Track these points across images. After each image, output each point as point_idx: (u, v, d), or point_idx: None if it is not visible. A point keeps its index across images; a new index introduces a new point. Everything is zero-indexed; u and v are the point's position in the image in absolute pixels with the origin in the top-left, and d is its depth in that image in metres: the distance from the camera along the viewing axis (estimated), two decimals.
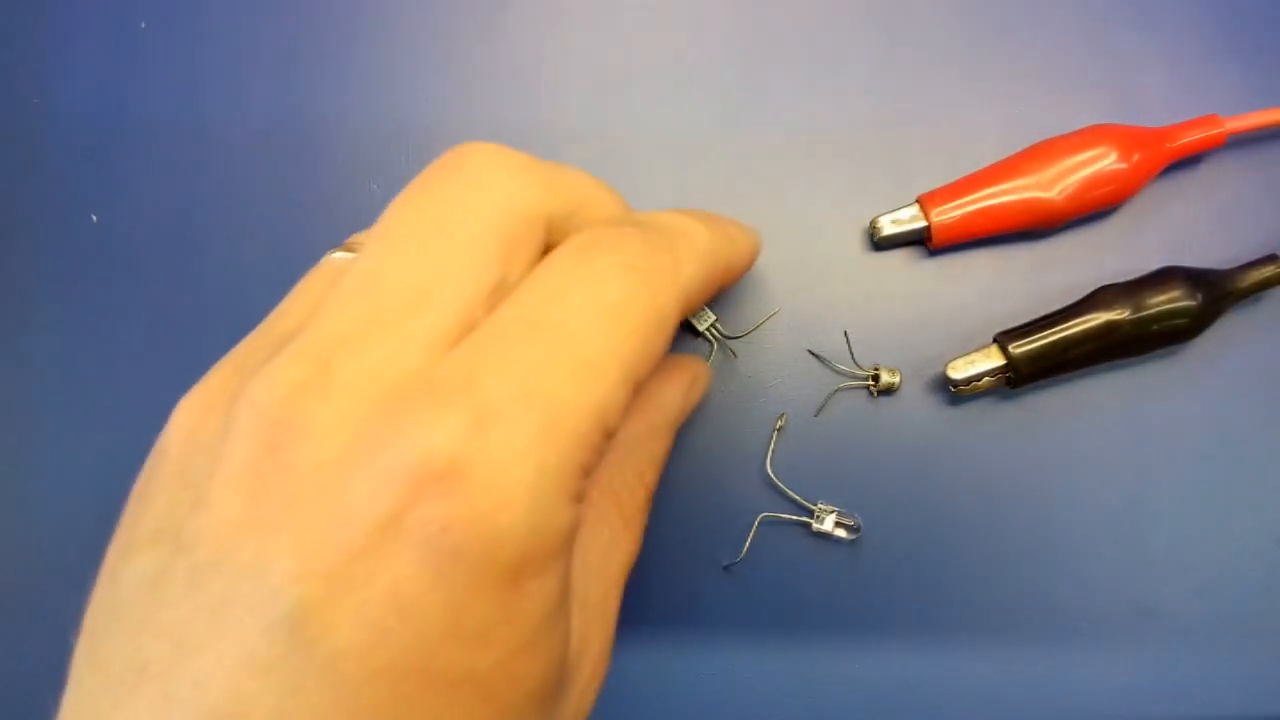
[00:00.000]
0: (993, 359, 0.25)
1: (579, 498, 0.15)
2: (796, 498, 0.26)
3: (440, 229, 0.16)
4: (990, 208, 0.26)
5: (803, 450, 0.26)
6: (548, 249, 0.17)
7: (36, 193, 0.28)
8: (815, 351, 0.27)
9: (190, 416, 0.17)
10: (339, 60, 0.29)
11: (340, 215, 0.28)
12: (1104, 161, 0.26)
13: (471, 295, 0.16)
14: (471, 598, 0.14)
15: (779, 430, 0.26)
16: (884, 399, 0.26)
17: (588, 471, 0.15)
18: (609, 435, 0.16)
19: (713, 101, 0.28)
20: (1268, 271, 0.26)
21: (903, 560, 0.26)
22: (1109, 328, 0.25)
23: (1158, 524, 0.26)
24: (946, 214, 0.26)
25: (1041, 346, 0.25)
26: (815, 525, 0.25)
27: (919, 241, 0.27)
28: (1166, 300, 0.25)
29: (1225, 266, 0.26)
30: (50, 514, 0.27)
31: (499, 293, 0.16)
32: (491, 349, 0.15)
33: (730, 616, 0.26)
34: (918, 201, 0.27)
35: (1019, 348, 0.25)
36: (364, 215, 0.28)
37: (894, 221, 0.27)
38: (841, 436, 0.26)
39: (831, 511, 0.25)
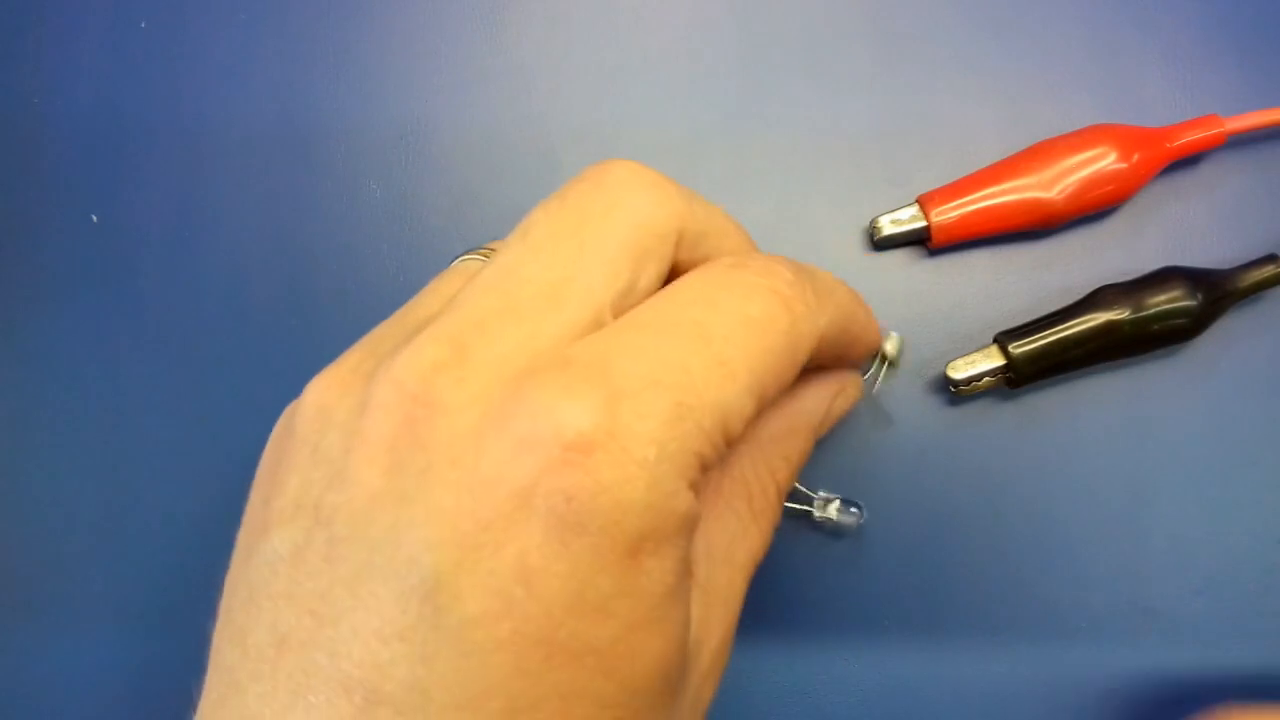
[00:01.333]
0: (993, 359, 0.25)
1: (696, 488, 0.16)
2: (797, 485, 0.25)
3: (575, 234, 0.17)
4: (990, 208, 0.26)
5: None
6: (677, 268, 0.18)
7: (36, 193, 0.28)
8: None
9: (323, 395, 0.17)
10: (339, 60, 0.29)
11: (340, 215, 0.28)
12: (1104, 161, 0.26)
13: (601, 297, 0.16)
14: (593, 569, 0.14)
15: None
16: (884, 397, 0.26)
17: (705, 466, 0.16)
18: (729, 439, 0.16)
19: (713, 102, 0.28)
20: (1268, 271, 0.26)
21: (902, 560, 0.26)
22: (1109, 328, 0.25)
23: (1158, 524, 0.26)
24: (946, 214, 0.26)
25: (1042, 346, 0.25)
26: (817, 514, 0.25)
27: (919, 241, 0.27)
28: (1166, 300, 0.25)
29: (1225, 266, 0.26)
30: (50, 514, 0.27)
31: (627, 298, 0.17)
32: (629, 337, 0.16)
33: None
34: (918, 201, 0.27)
35: (1019, 348, 0.25)
36: (364, 215, 0.28)
37: (894, 221, 0.27)
38: (841, 436, 0.26)
39: (834, 499, 0.25)
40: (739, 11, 0.29)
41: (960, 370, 0.25)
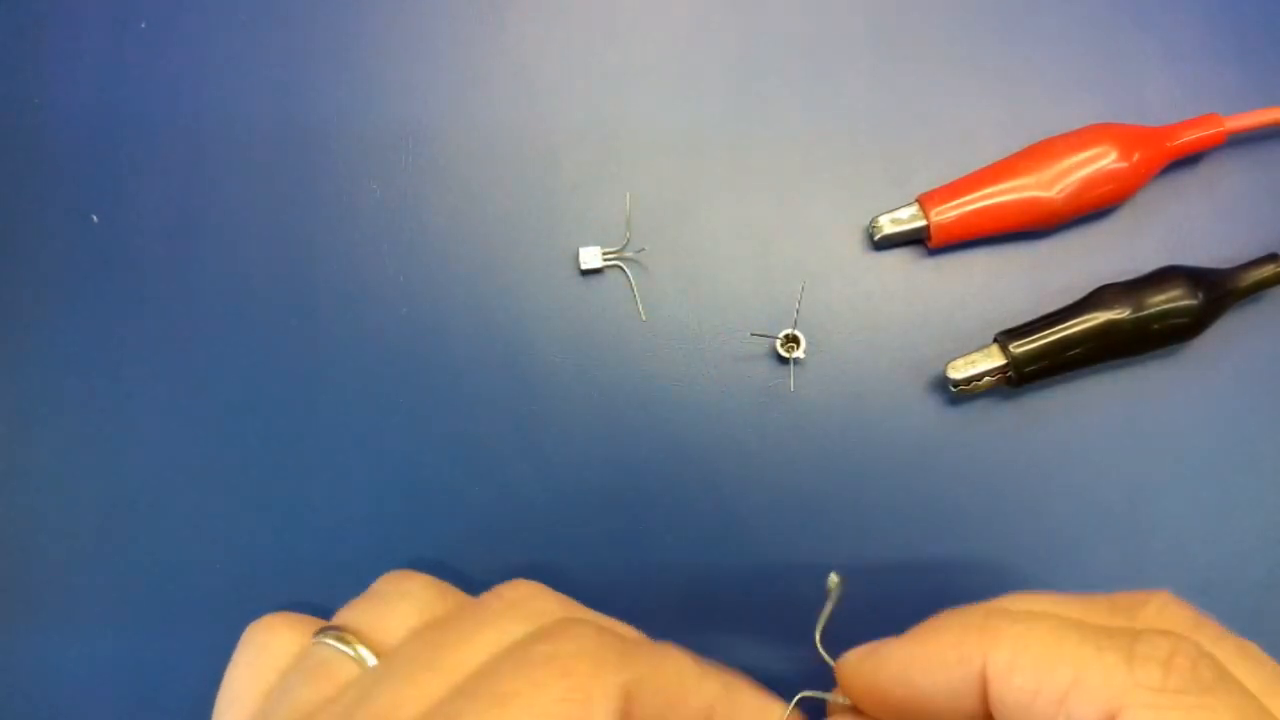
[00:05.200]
0: (993, 359, 0.25)
1: None
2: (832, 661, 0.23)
3: (431, 664, 0.18)
4: (990, 207, 0.26)
5: (806, 447, 0.26)
6: None
7: (36, 193, 0.28)
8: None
9: None
10: (339, 60, 0.29)
11: (340, 215, 0.28)
12: (1104, 161, 0.26)
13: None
14: None
15: (831, 595, 0.20)
16: (887, 405, 0.26)
17: None
18: None
19: (713, 102, 0.28)
20: (1268, 271, 0.26)
21: (903, 559, 0.26)
22: (1109, 327, 0.25)
23: (1158, 524, 0.26)
24: (946, 213, 0.26)
25: (1042, 346, 0.25)
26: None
27: (919, 241, 0.27)
28: (1167, 300, 0.25)
29: (1225, 266, 0.26)
30: (51, 514, 0.27)
31: None
32: None
33: None
34: (917, 201, 0.27)
35: (1019, 347, 0.25)
36: (363, 215, 0.28)
37: (894, 221, 0.27)
38: (842, 435, 0.26)
39: None
40: (739, 11, 0.29)
41: (960, 370, 0.25)
